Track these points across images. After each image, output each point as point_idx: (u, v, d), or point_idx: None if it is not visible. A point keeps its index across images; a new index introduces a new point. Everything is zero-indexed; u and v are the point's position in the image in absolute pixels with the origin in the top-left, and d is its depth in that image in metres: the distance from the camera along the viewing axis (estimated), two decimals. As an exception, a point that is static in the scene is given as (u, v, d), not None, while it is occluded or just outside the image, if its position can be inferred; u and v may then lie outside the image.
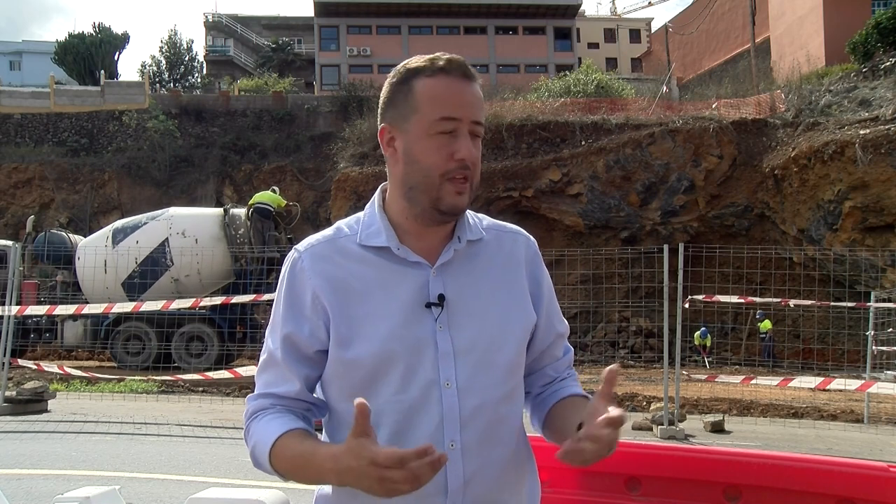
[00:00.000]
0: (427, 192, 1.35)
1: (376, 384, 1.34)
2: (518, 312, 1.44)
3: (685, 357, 12.04)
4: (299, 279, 1.40)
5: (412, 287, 1.38)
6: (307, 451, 1.29)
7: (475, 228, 1.46)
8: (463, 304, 1.39)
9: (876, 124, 19.65)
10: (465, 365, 1.35)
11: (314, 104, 35.34)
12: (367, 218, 1.44)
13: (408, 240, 1.41)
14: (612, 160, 23.03)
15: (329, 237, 1.44)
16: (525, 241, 1.52)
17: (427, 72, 1.36)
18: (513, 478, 1.42)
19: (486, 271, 1.44)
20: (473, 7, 44.82)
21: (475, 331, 1.38)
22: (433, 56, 1.37)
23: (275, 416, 1.37)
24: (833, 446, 8.01)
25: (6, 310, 9.48)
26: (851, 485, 2.14)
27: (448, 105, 1.34)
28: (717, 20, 40.24)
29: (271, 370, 1.41)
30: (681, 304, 8.63)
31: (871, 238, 19.00)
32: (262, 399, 1.41)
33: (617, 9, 62.27)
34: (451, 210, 1.36)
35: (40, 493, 5.12)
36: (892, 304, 11.64)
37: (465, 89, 1.35)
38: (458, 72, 1.36)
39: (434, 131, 1.33)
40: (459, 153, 1.33)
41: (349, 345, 1.35)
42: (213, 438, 7.92)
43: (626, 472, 2.34)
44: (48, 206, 30.74)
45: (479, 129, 1.37)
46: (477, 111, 1.36)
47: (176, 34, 57.41)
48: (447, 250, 1.41)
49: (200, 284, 14.96)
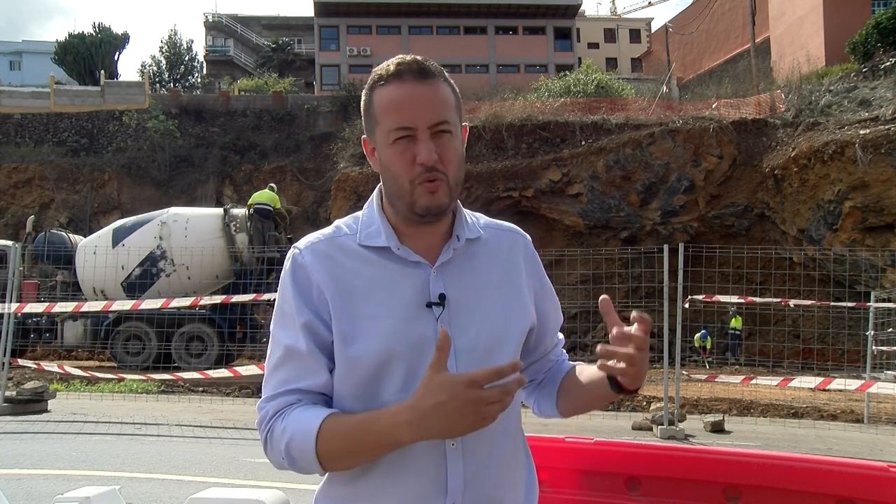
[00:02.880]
0: (402, 197, 1.36)
1: (379, 382, 1.35)
2: (518, 311, 1.45)
3: (685, 357, 12.04)
4: (303, 274, 1.39)
5: (413, 287, 1.38)
6: (368, 418, 1.26)
7: (473, 227, 1.47)
8: (464, 303, 1.39)
9: (876, 124, 19.65)
10: (465, 365, 1.35)
11: (314, 104, 35.33)
12: (366, 217, 1.45)
13: (407, 240, 1.41)
14: (612, 160, 23.03)
15: (329, 235, 1.44)
16: (522, 240, 1.53)
17: (382, 80, 1.35)
18: (511, 477, 1.43)
19: (486, 270, 1.45)
20: (473, 7, 44.82)
21: (476, 330, 1.38)
22: (390, 62, 1.36)
23: (307, 408, 1.33)
24: (833, 446, 8.02)
25: (6, 307, 9.48)
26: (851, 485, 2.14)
27: (400, 113, 1.32)
28: (717, 20, 40.25)
29: (290, 365, 1.36)
30: (681, 304, 8.63)
31: (871, 238, 19.00)
32: (284, 397, 1.35)
33: (617, 9, 62.35)
34: (427, 211, 1.34)
35: (40, 493, 5.12)
36: (892, 304, 11.64)
37: (419, 92, 1.32)
38: (411, 74, 1.33)
39: (392, 139, 1.34)
40: (419, 157, 1.32)
41: (351, 342, 1.35)
42: (213, 438, 7.92)
43: (626, 472, 2.34)
44: (48, 206, 30.74)
45: (443, 127, 1.34)
46: (434, 113, 1.32)
47: (176, 34, 57.56)
48: (447, 250, 1.41)
49: (201, 284, 14.97)
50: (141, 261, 15.04)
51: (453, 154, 1.36)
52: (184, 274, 15.07)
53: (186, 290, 14.70)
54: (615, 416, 9.76)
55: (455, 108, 1.38)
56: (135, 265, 15.06)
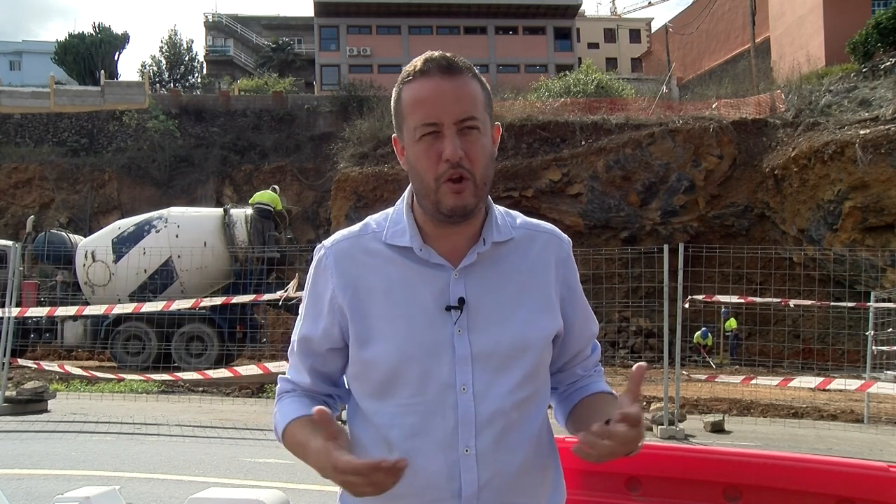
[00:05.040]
0: (427, 196, 1.34)
1: (394, 385, 1.35)
2: (543, 318, 1.41)
3: (685, 357, 12.04)
4: (322, 277, 1.42)
5: (433, 289, 1.36)
6: (302, 443, 1.34)
7: (504, 229, 1.43)
8: (484, 309, 1.36)
9: (876, 124, 19.65)
10: (482, 370, 1.34)
11: (314, 104, 35.31)
12: (395, 215, 1.44)
13: (432, 241, 1.38)
14: (612, 160, 23.04)
15: (355, 233, 1.44)
16: (558, 242, 1.48)
17: (409, 77, 1.34)
18: (531, 483, 1.39)
19: (511, 275, 1.41)
20: (473, 7, 44.82)
21: (495, 336, 1.36)
22: (418, 59, 1.35)
23: (294, 400, 1.44)
24: (833, 446, 8.01)
25: (6, 308, 9.49)
26: (851, 485, 2.14)
27: (425, 109, 1.31)
28: (717, 20, 40.24)
29: (296, 356, 1.47)
30: (681, 304, 8.63)
31: (871, 238, 19.00)
32: (285, 383, 1.49)
33: (617, 9, 62.30)
34: (452, 212, 1.32)
35: (40, 493, 5.12)
36: (892, 304, 11.63)
37: (445, 87, 1.31)
38: (437, 69, 1.32)
39: (418, 136, 1.32)
40: (444, 154, 1.30)
41: (367, 344, 1.36)
42: (213, 438, 7.92)
43: (626, 472, 2.34)
44: (48, 206, 30.71)
45: (469, 123, 1.32)
46: (460, 108, 1.31)
47: (176, 34, 57.52)
48: (471, 253, 1.38)
49: (201, 284, 14.96)
50: (149, 275, 15.05)
51: (481, 152, 1.34)
52: (184, 274, 15.07)
53: (186, 289, 14.70)
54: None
55: (484, 104, 1.36)
56: (142, 280, 15.06)
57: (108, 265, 15.21)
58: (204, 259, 14.69)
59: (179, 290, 14.86)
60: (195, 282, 15.04)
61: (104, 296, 15.00)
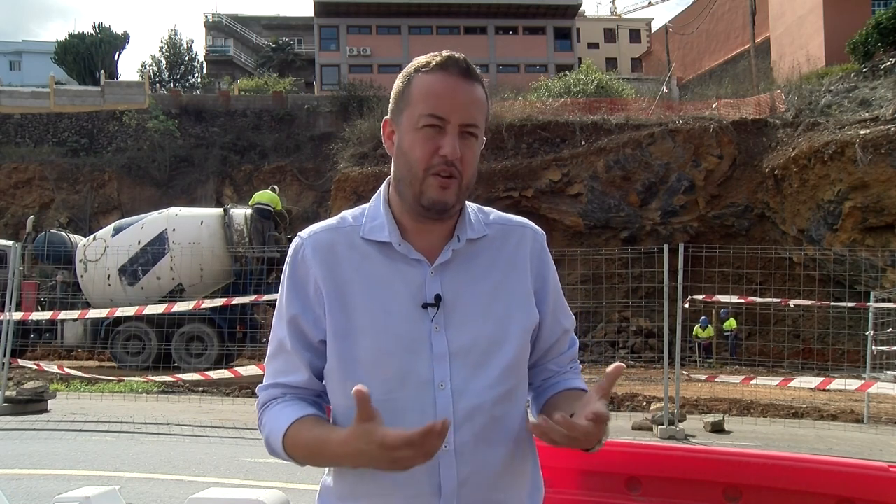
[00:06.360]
0: (411, 185, 1.35)
1: (371, 381, 1.33)
2: (519, 313, 1.41)
3: (685, 357, 12.04)
4: (302, 267, 1.40)
5: (410, 286, 1.37)
6: (320, 437, 1.30)
7: (477, 226, 1.44)
8: (460, 305, 1.37)
9: (876, 124, 19.65)
10: (460, 366, 1.34)
11: (314, 104, 35.32)
12: (372, 210, 1.44)
13: (410, 236, 1.40)
14: (612, 160, 23.04)
15: (333, 226, 1.44)
16: (532, 235, 1.49)
17: (427, 67, 1.36)
18: (511, 478, 1.40)
19: (486, 271, 1.42)
20: (473, 7, 44.82)
21: (472, 332, 1.36)
22: (437, 53, 1.37)
23: (286, 405, 1.39)
24: (833, 446, 8.01)
25: (7, 308, 9.49)
26: (851, 485, 2.14)
27: (438, 102, 1.32)
28: (717, 20, 40.24)
29: (280, 358, 1.42)
30: (681, 304, 8.63)
31: (871, 238, 19.00)
32: (272, 389, 1.42)
33: (617, 9, 62.30)
34: (433, 205, 1.33)
35: (40, 493, 5.12)
36: (892, 304, 11.63)
37: (460, 88, 1.34)
38: (458, 69, 1.34)
39: (421, 125, 1.33)
40: (444, 149, 1.31)
41: (345, 338, 1.36)
42: (213, 438, 7.92)
43: (626, 472, 2.34)
44: (48, 206, 30.72)
45: (471, 129, 1.34)
46: (468, 113, 1.34)
47: (176, 34, 57.50)
48: (446, 250, 1.39)
49: (201, 284, 14.96)
50: (141, 248, 15.03)
51: (473, 158, 1.37)
52: (184, 274, 15.06)
53: (187, 289, 14.70)
54: (615, 417, 9.74)
55: (485, 115, 1.40)
56: (135, 250, 15.04)
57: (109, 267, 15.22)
58: (204, 259, 14.68)
59: (179, 289, 14.87)
60: (195, 281, 15.04)
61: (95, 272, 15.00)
